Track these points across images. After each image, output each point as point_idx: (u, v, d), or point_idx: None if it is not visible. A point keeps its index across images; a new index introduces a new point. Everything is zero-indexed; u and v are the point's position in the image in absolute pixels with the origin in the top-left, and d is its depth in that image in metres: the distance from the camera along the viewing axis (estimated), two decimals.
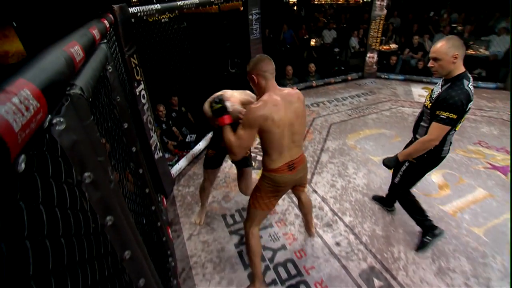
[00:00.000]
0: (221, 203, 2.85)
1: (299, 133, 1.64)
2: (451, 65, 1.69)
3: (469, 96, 1.66)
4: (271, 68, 1.56)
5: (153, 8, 2.46)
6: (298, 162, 1.69)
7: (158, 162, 2.68)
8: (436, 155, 1.90)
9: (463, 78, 1.69)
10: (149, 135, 2.48)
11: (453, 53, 1.67)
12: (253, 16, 4.50)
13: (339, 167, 3.29)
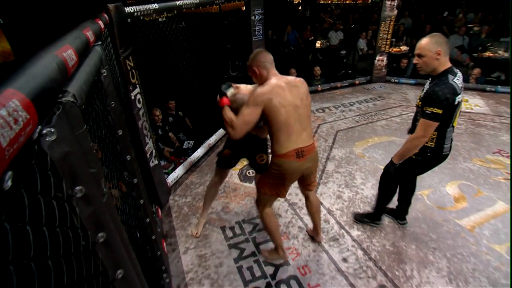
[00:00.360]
0: (220, 214, 2.83)
1: (305, 115, 1.77)
2: (435, 62, 1.81)
3: (455, 90, 1.77)
4: (269, 58, 1.76)
5: (150, 8, 2.47)
6: (308, 150, 1.79)
7: (154, 170, 2.66)
8: (438, 153, 1.98)
9: (448, 73, 1.80)
10: (145, 142, 2.48)
11: (436, 50, 1.79)
12: (256, 16, 4.54)
13: (346, 177, 3.27)
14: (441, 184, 3.07)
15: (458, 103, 1.80)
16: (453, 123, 1.90)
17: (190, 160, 3.59)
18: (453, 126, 1.93)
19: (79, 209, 0.59)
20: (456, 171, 3.28)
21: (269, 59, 1.76)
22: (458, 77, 1.81)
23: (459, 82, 1.80)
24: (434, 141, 1.95)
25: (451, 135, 1.95)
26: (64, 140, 0.55)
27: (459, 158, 3.51)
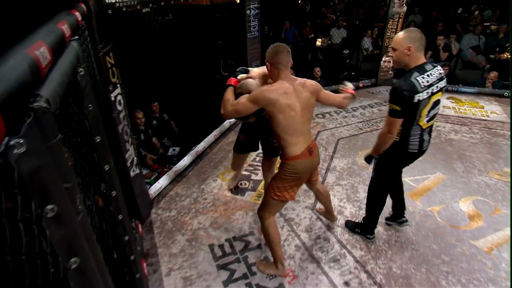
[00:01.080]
0: (208, 230, 2.80)
1: (309, 119, 2.03)
2: (406, 57, 1.97)
3: (414, 87, 1.91)
4: (285, 61, 1.91)
5: None
6: (314, 146, 2.10)
7: (134, 180, 2.64)
8: (402, 150, 2.16)
9: (415, 71, 1.95)
10: (125, 149, 2.45)
11: (407, 45, 1.94)
12: (251, 11, 4.57)
13: (348, 190, 3.28)
14: (454, 200, 3.10)
15: (419, 101, 1.93)
16: (418, 122, 2.03)
17: (176, 169, 3.56)
18: (420, 126, 2.05)
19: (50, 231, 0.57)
20: (470, 185, 3.31)
21: (284, 62, 1.91)
22: (427, 74, 1.95)
23: (425, 80, 1.93)
24: (398, 135, 2.12)
25: (418, 133, 2.09)
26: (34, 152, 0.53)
27: (473, 171, 3.56)
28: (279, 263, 2.33)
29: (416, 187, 3.30)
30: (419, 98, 1.91)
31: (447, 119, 4.90)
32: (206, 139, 4.17)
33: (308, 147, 2.03)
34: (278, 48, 1.91)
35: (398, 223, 2.75)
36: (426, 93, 1.93)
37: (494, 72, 5.80)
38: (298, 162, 2.01)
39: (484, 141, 4.22)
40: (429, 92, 1.95)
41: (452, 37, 6.58)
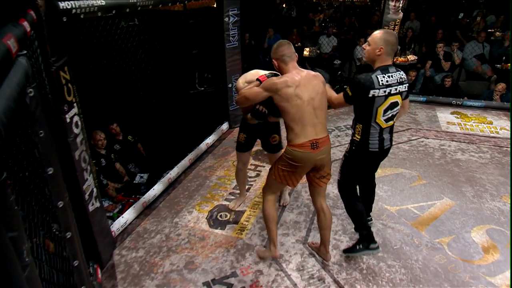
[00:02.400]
0: (182, 273, 2.75)
1: (320, 108, 2.31)
2: (375, 56, 2.37)
3: (372, 83, 2.31)
4: (288, 51, 2.31)
5: (95, 4, 2.49)
6: (323, 142, 2.34)
7: (93, 215, 2.58)
8: (363, 149, 2.54)
9: (378, 69, 2.36)
10: (82, 179, 2.41)
11: (380, 46, 2.33)
12: (230, 18, 4.66)
13: (344, 221, 3.29)
14: (465, 230, 3.16)
15: (373, 97, 2.33)
16: (376, 120, 2.43)
17: (144, 200, 3.51)
18: (379, 124, 2.45)
19: None
20: (482, 212, 3.39)
21: (287, 53, 2.30)
22: (388, 75, 2.34)
23: (384, 79, 2.33)
24: (359, 134, 2.52)
25: (377, 132, 2.48)
26: None
27: (485, 195, 3.65)
28: (271, 244, 2.63)
29: (421, 216, 3.35)
30: (374, 94, 2.32)
31: (452, 137, 5.06)
32: (179, 164, 4.14)
33: (313, 140, 2.30)
34: (279, 43, 2.35)
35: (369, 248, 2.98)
36: (383, 91, 2.33)
37: (501, 83, 6.05)
38: (298, 151, 2.31)
39: (494, 161, 4.35)
40: (387, 91, 2.34)
41: (454, 45, 6.86)
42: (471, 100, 6.23)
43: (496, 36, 7.61)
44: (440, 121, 5.64)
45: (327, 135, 2.39)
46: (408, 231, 3.16)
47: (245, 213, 3.44)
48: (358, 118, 2.51)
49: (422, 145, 4.80)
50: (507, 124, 5.48)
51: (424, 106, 6.30)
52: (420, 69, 6.90)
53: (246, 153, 3.29)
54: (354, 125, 2.57)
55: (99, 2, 2.53)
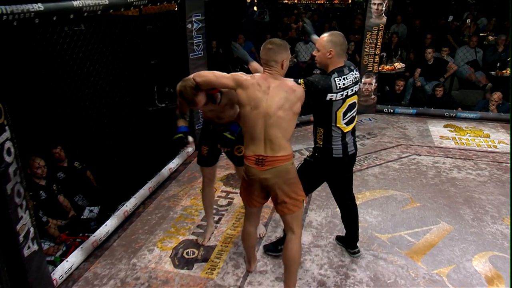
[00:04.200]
0: None
1: (278, 125, 2.35)
2: (327, 60, 2.59)
3: (330, 87, 2.52)
4: (265, 57, 2.39)
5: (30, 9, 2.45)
6: (271, 162, 2.41)
7: (29, 261, 2.48)
8: (327, 156, 2.75)
9: (335, 71, 2.58)
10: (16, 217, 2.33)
11: (329, 49, 2.55)
12: (194, 25, 4.70)
13: (330, 253, 3.29)
14: (466, 258, 3.21)
15: (331, 100, 2.55)
16: (337, 124, 2.65)
17: (94, 239, 3.42)
18: (341, 128, 2.67)
19: None
20: (484, 237, 3.46)
21: (264, 57, 2.39)
22: (343, 77, 2.57)
23: (341, 82, 2.56)
24: (321, 139, 2.72)
25: (339, 136, 2.70)
26: None
27: (486, 218, 3.74)
28: (246, 260, 3.07)
29: (417, 244, 3.40)
30: (331, 98, 2.54)
31: (446, 153, 5.21)
32: (138, 194, 4.07)
33: (259, 155, 2.41)
34: (265, 42, 2.43)
35: (349, 252, 3.28)
36: (340, 94, 2.56)
37: (497, 92, 6.31)
38: (246, 164, 2.49)
39: (494, 179, 4.49)
40: (344, 94, 2.57)
41: (444, 51, 7.15)
42: (466, 112, 6.47)
43: (489, 40, 7.99)
44: (432, 136, 5.81)
45: (282, 156, 2.42)
46: (403, 262, 3.19)
47: (216, 248, 3.39)
48: (318, 122, 2.72)
49: (414, 163, 4.91)
50: (505, 137, 5.70)
51: (415, 119, 6.48)
52: (409, 78, 7.11)
53: (210, 168, 3.36)
54: (315, 131, 2.76)
55: (36, 7, 2.50)
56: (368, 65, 6.53)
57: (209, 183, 3.42)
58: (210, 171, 3.37)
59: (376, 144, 5.51)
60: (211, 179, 3.44)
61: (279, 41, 2.42)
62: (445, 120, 6.36)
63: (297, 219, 2.60)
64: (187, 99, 2.70)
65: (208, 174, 3.37)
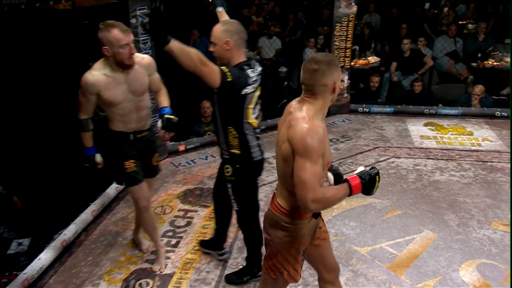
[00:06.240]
0: None
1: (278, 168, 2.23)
2: (226, 53, 2.62)
3: (246, 80, 2.60)
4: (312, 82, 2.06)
5: None
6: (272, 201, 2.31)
7: None
8: (248, 161, 2.83)
9: (244, 64, 2.65)
10: None
11: (225, 39, 2.59)
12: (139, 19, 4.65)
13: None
14: (452, 268, 3.30)
15: (245, 95, 2.63)
16: (248, 120, 2.74)
17: (25, 277, 3.29)
18: (251, 124, 2.77)
19: None
20: (470, 244, 3.58)
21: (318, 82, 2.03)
22: (251, 70, 2.66)
23: (253, 74, 2.66)
24: (237, 143, 2.77)
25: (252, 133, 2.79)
26: None
27: (471, 223, 3.87)
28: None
29: (399, 256, 3.48)
30: (246, 92, 2.62)
31: (428, 154, 5.38)
32: (78, 220, 3.97)
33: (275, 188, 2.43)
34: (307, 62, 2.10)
35: (218, 254, 3.47)
36: (252, 87, 2.66)
37: (479, 85, 6.55)
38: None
39: (479, 180, 4.66)
40: (254, 87, 2.68)
41: (420, 41, 7.36)
42: (447, 108, 6.68)
43: (469, 29, 8.29)
44: (412, 136, 5.96)
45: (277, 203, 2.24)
46: (385, 276, 3.25)
47: (174, 276, 3.36)
48: (228, 120, 2.75)
49: (393, 167, 5.03)
50: (489, 134, 5.94)
51: (392, 118, 6.62)
52: (384, 73, 7.26)
53: (143, 184, 3.26)
54: (225, 132, 2.77)
55: None
56: (339, 60, 6.55)
57: (147, 206, 3.31)
58: (145, 188, 3.27)
59: (351, 148, 5.61)
60: (149, 198, 3.35)
61: (325, 57, 2.04)
62: (425, 118, 6.54)
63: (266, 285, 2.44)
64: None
65: (144, 193, 3.26)
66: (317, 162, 1.89)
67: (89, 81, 2.88)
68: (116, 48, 2.78)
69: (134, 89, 3.00)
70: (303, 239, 2.17)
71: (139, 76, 3.03)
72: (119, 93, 2.93)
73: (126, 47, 2.80)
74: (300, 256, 2.20)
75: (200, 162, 5.31)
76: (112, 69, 2.91)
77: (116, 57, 2.83)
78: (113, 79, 2.91)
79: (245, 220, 3.08)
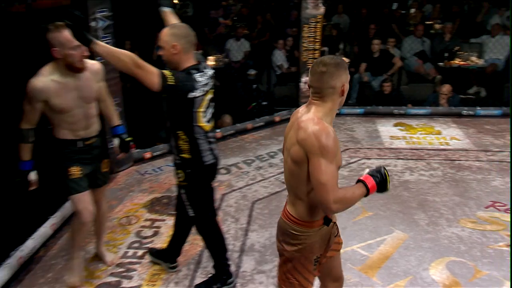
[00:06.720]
0: None
1: (286, 174, 2.20)
2: (174, 57, 2.63)
3: (193, 85, 2.61)
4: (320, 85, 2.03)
5: None
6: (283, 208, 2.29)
7: None
8: (199, 166, 2.86)
9: (193, 68, 2.66)
10: None
11: (172, 43, 2.60)
12: (99, 22, 4.59)
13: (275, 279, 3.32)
14: (422, 267, 3.37)
15: (193, 99, 2.64)
16: (198, 124, 2.75)
17: None
18: (202, 128, 2.78)
19: None
20: (439, 242, 3.66)
21: (327, 84, 2.02)
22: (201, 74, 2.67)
23: (201, 78, 2.67)
24: (187, 147, 2.79)
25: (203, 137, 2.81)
26: None
27: (441, 221, 3.96)
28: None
29: (370, 257, 3.53)
30: (194, 95, 2.63)
31: (398, 154, 5.48)
32: (36, 234, 3.85)
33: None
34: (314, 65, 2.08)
35: (169, 267, 3.43)
36: (200, 91, 2.67)
37: (446, 85, 6.73)
38: None
39: (447, 179, 4.78)
40: (203, 90, 2.69)
41: (390, 42, 7.50)
42: (415, 108, 6.84)
43: (436, 29, 8.50)
44: (382, 136, 6.08)
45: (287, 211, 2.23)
46: (357, 279, 3.28)
47: None
48: (177, 124, 2.77)
49: (363, 168, 4.95)
50: (457, 132, 6.10)
51: (362, 119, 6.72)
52: (354, 74, 7.33)
53: (87, 195, 3.14)
54: (175, 136, 2.79)
55: None
56: (308, 61, 6.62)
57: (88, 222, 3.17)
58: (88, 200, 3.14)
59: None
60: (91, 212, 3.16)
61: (334, 59, 2.02)
62: (394, 119, 6.67)
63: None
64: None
65: (87, 205, 3.11)
66: (333, 161, 1.89)
67: (37, 88, 2.76)
68: (67, 49, 2.71)
69: (84, 95, 2.94)
70: (313, 248, 2.14)
71: (89, 82, 2.97)
72: (69, 100, 2.85)
73: (78, 48, 2.71)
74: (311, 265, 2.18)
75: (167, 169, 5.17)
76: (61, 74, 2.82)
77: (66, 59, 2.75)
78: (62, 85, 2.82)
79: (202, 226, 3.09)
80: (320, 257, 2.21)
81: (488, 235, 3.75)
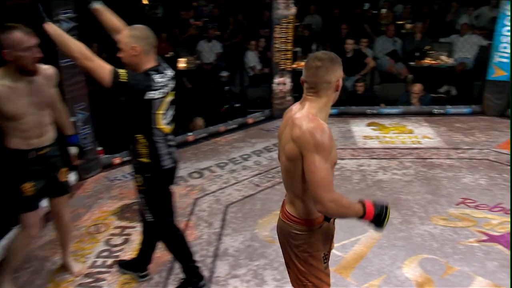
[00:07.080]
0: None
1: (283, 173, 2.18)
2: (134, 58, 2.62)
3: (149, 85, 2.60)
4: (316, 80, 2.02)
5: None
6: (282, 209, 2.25)
7: None
8: (157, 170, 2.85)
9: (152, 70, 2.66)
10: None
11: (131, 45, 2.59)
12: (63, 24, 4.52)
13: (251, 282, 3.33)
14: (396, 266, 3.42)
15: (151, 100, 2.63)
16: (157, 126, 2.74)
17: None
18: (161, 130, 2.77)
19: None
20: (412, 240, 3.73)
21: (322, 79, 2.02)
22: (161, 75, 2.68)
23: (161, 79, 2.67)
24: (147, 155, 2.77)
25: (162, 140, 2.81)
26: None
27: (413, 219, 4.03)
28: None
29: (345, 258, 3.55)
30: (152, 96, 2.62)
31: (371, 154, 5.56)
32: None
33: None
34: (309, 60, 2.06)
35: (139, 276, 3.38)
36: (159, 92, 2.65)
37: (417, 84, 6.88)
38: None
39: (419, 177, 4.88)
40: (163, 92, 2.69)
41: (362, 42, 7.61)
42: (388, 107, 6.96)
43: (407, 28, 8.69)
44: (355, 136, 6.16)
45: (286, 211, 2.23)
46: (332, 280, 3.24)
47: None
48: (136, 127, 2.75)
49: (337, 169, 5.09)
50: (428, 131, 6.23)
51: (336, 120, 6.76)
52: None
53: (37, 211, 3.14)
54: (133, 140, 2.77)
55: None
56: (280, 62, 6.69)
57: (35, 235, 3.23)
58: (37, 215, 3.16)
59: None
60: (38, 226, 3.21)
61: (328, 54, 2.04)
62: (367, 118, 6.77)
63: None
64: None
65: (36, 220, 3.14)
66: (328, 158, 1.87)
67: None
68: (18, 51, 2.61)
69: (38, 101, 2.83)
70: (319, 245, 2.11)
71: (43, 88, 2.87)
72: (21, 105, 2.73)
73: (30, 50, 2.64)
74: (321, 264, 2.15)
75: None
76: (12, 78, 2.71)
77: (18, 61, 2.65)
78: (14, 90, 2.70)
79: (161, 230, 3.09)
80: (328, 254, 2.20)
81: (459, 231, 3.83)
